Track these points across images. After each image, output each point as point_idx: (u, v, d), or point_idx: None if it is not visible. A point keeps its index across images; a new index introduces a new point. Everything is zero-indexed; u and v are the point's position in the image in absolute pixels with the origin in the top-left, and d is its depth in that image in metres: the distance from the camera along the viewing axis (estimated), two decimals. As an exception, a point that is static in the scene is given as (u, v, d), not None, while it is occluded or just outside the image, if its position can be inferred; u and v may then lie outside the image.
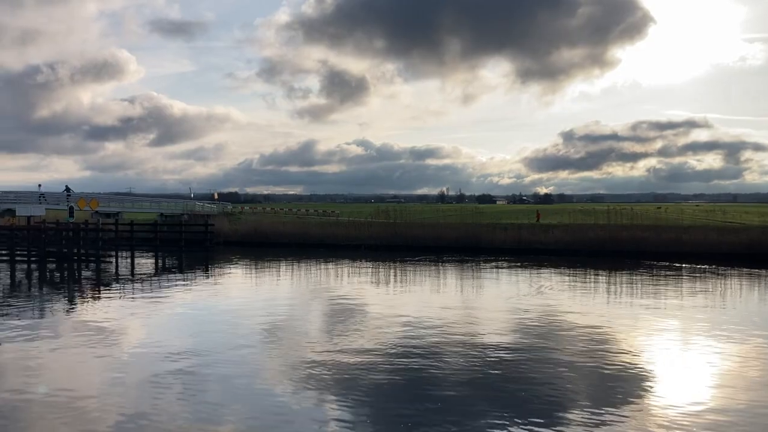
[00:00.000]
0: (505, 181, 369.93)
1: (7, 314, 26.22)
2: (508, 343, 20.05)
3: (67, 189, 51.36)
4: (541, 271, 40.37)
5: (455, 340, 20.33)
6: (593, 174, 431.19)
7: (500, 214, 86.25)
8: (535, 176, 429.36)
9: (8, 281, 37.27)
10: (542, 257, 47.21)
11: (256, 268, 44.01)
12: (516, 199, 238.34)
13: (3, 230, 48.06)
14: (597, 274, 39.18)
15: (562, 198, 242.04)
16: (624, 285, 34.58)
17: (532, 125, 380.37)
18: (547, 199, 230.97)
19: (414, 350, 18.98)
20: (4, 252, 46.93)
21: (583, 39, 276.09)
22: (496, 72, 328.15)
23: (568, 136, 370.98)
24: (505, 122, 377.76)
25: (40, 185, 55.59)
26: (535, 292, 31.18)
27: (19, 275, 39.94)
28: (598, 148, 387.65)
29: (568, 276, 38.24)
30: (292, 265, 45.05)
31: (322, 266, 44.11)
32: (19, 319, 24.55)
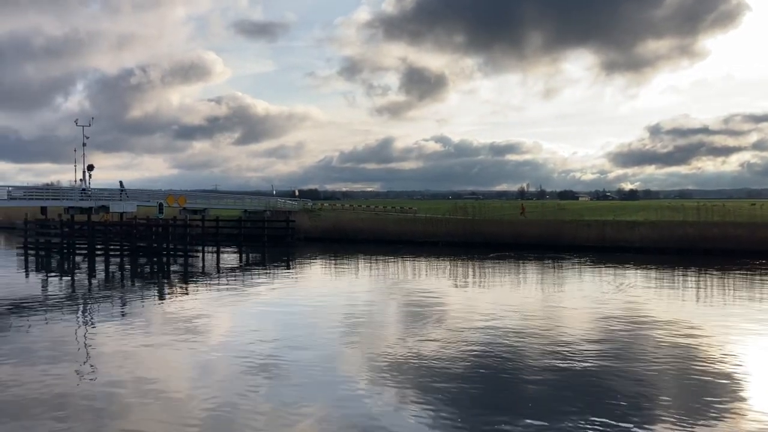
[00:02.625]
0: (588, 176, 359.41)
1: (102, 306, 27.68)
2: (592, 344, 19.51)
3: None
4: (626, 269, 39.07)
5: (536, 340, 19.97)
6: (681, 169, 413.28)
7: (583, 210, 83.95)
8: (620, 172, 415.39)
9: (102, 275, 39.30)
10: (627, 255, 45.63)
11: (335, 264, 44.64)
12: (599, 196, 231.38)
13: (98, 226, 50.67)
14: (686, 274, 37.53)
15: (647, 194, 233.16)
16: (715, 285, 32.99)
17: (617, 119, 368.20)
18: (632, 195, 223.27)
19: (494, 348, 18.77)
20: (99, 246, 49.53)
21: (670, 29, 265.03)
22: (578, 65, 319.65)
23: (655, 130, 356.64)
24: (588, 116, 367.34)
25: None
26: (620, 291, 30.21)
27: (113, 269, 42.04)
28: (687, 142, 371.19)
29: (655, 275, 36.84)
30: (371, 261, 45.43)
31: (400, 262, 44.26)
32: (113, 312, 25.87)
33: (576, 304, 27.15)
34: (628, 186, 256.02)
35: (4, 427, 12.61)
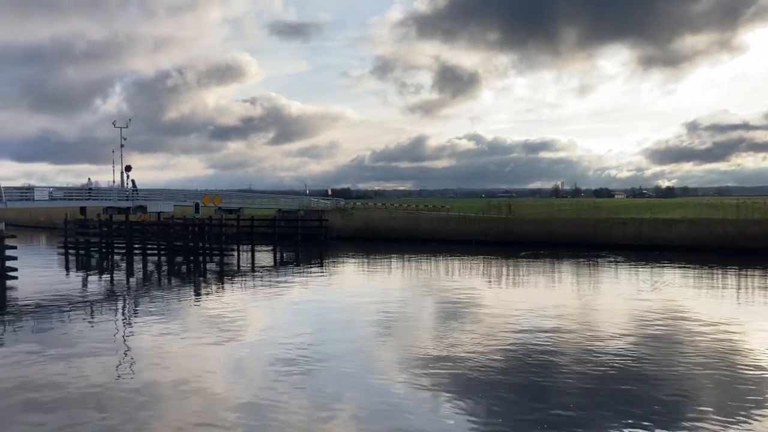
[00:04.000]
0: (624, 174, 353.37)
1: (140, 304, 28.24)
2: (629, 344, 19.25)
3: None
4: (664, 268, 38.40)
5: (572, 339, 19.79)
6: (720, 166, 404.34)
7: (619, 208, 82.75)
8: (657, 169, 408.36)
9: (140, 273, 40.05)
10: (665, 254, 44.85)
11: (368, 263, 44.78)
12: (636, 193, 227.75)
13: (136, 225, 51.63)
14: (725, 273, 36.72)
15: (685, 191, 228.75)
16: (756, 285, 32.24)
17: (653, 115, 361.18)
18: (669, 192, 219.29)
19: (529, 348, 18.66)
20: (137, 246, 50.48)
21: (709, 23, 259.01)
22: (614, 61, 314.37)
23: (693, 126, 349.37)
24: (624, 113, 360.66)
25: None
26: (657, 290, 29.74)
27: (150, 267, 42.81)
28: (726, 138, 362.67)
29: (693, 274, 36.15)
30: (403, 259, 45.46)
31: (433, 261, 44.21)
32: (151, 309, 26.35)
33: (612, 303, 26.81)
34: (665, 183, 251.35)
35: (50, 420, 12.97)
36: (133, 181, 55.11)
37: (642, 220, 55.95)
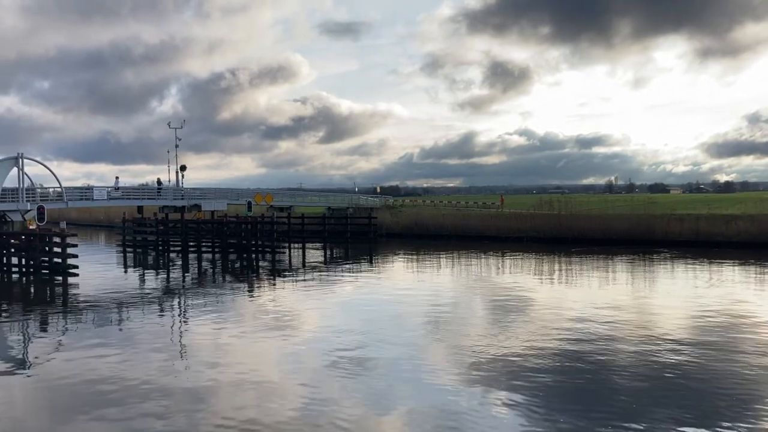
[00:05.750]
0: (680, 168, 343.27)
1: (195, 300, 28.89)
2: (687, 343, 18.74)
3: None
4: (723, 265, 37.22)
5: (627, 338, 19.37)
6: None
7: (675, 204, 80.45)
8: (714, 163, 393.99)
9: (195, 270, 40.96)
10: (724, 251, 43.47)
11: (417, 260, 44.74)
12: (692, 188, 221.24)
13: (191, 223, 52.82)
14: (790, 269, 35.39)
15: (745, 186, 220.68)
16: (824, 281, 30.98)
17: (711, 108, 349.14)
18: (728, 187, 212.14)
19: (584, 347, 18.35)
20: (192, 243, 51.68)
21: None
22: (670, 53, 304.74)
23: (754, 119, 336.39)
24: (680, 106, 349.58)
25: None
26: (715, 287, 28.84)
27: (205, 264, 43.75)
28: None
29: (755, 271, 34.94)
30: (453, 256, 45.25)
31: (483, 258, 43.88)
32: (207, 305, 26.93)
33: (669, 301, 26.14)
34: (723, 178, 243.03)
35: (111, 413, 13.39)
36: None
37: (699, 216, 54.25)
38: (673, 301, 26.03)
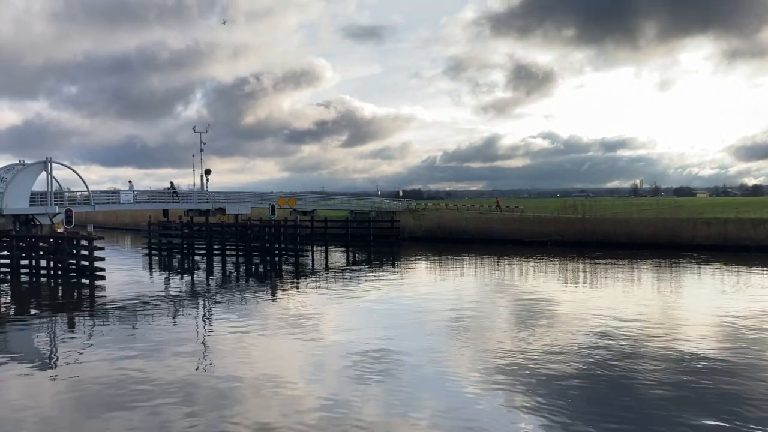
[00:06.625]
0: (707, 172, 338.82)
1: (220, 303, 29.15)
2: (714, 351, 18.47)
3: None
4: (752, 270, 36.61)
5: (653, 345, 19.14)
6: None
7: (702, 207, 79.36)
8: (742, 166, 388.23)
9: (220, 273, 41.32)
10: (753, 255, 42.75)
11: (440, 263, 44.63)
12: (719, 192, 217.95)
13: (215, 227, 53.33)
14: (821, 274, 34.71)
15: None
16: None
17: (739, 110, 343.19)
18: (756, 191, 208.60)
19: (609, 353, 18.16)
20: (216, 246, 52.15)
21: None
22: (697, 54, 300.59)
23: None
24: (707, 108, 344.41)
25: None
26: (743, 292, 28.37)
27: (229, 268, 44.10)
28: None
29: (785, 276, 34.31)
30: (476, 260, 45.09)
31: (506, 262, 43.65)
32: (230, 308, 27.15)
33: (695, 306, 25.78)
34: (751, 181, 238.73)
35: (136, 415, 13.57)
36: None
37: (727, 220, 53.40)
38: (701, 307, 25.67)
